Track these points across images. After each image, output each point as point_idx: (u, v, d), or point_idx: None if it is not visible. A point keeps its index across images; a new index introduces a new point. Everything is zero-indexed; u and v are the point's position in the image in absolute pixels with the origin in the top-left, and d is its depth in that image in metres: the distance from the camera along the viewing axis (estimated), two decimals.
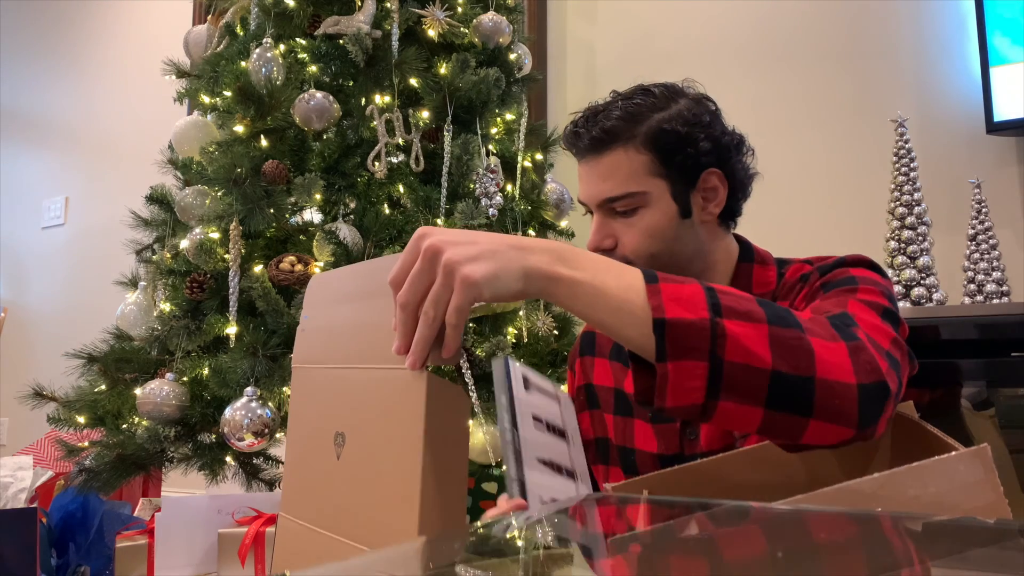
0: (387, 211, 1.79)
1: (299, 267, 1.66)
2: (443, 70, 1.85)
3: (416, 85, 1.85)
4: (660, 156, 0.91)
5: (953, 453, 0.60)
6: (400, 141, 1.80)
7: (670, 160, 0.91)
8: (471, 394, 1.60)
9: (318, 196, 1.72)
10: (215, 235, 1.74)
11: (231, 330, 1.66)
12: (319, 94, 1.76)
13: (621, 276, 0.63)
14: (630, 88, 0.96)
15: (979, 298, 1.72)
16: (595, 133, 0.92)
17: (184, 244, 1.85)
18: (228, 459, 1.71)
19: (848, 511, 0.59)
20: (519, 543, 0.58)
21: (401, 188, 1.80)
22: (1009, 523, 0.56)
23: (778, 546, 0.50)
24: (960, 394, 1.58)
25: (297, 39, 1.90)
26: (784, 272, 0.95)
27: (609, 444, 1.03)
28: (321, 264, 1.68)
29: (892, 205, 1.79)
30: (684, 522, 0.57)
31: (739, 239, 1.01)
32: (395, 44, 1.83)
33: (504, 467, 0.73)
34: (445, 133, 1.80)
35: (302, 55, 1.88)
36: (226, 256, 1.70)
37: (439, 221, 1.76)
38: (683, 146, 0.91)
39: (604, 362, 1.06)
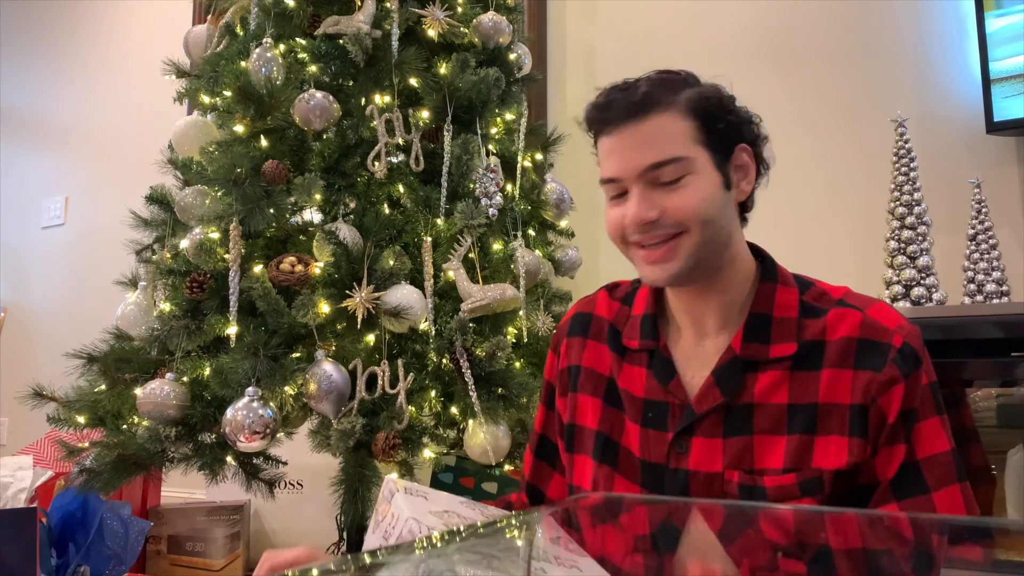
0: (387, 211, 1.79)
1: (299, 267, 1.66)
2: (443, 70, 1.85)
3: (416, 85, 1.85)
4: (701, 124, 0.87)
5: None
6: (400, 141, 1.80)
7: (711, 128, 0.88)
8: (471, 394, 1.60)
9: (318, 196, 1.72)
10: (215, 235, 1.74)
11: (231, 330, 1.66)
12: (319, 94, 1.76)
13: None
14: (647, 72, 0.92)
15: (979, 298, 1.72)
16: (634, 98, 0.86)
17: (184, 244, 1.85)
18: (228, 459, 1.71)
19: (854, 511, 0.59)
20: (519, 543, 0.58)
21: (401, 188, 1.80)
22: (1016, 523, 0.56)
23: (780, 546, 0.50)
24: (961, 394, 1.58)
25: (297, 39, 1.90)
26: (806, 299, 0.91)
27: (576, 429, 1.00)
28: (321, 264, 1.68)
29: (892, 205, 1.79)
30: (682, 521, 0.57)
31: (758, 250, 0.97)
32: (395, 44, 1.83)
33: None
34: (445, 133, 1.80)
35: (302, 55, 1.88)
36: (226, 256, 1.70)
37: (439, 221, 1.76)
38: (723, 115, 0.89)
39: (600, 347, 1.01)
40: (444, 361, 1.66)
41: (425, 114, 1.84)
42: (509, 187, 1.90)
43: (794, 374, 0.87)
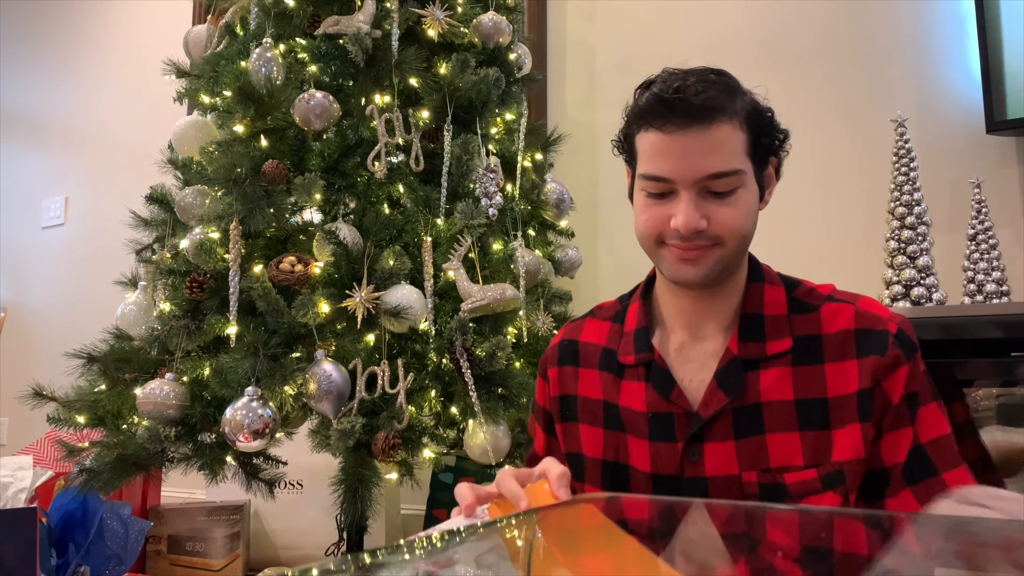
0: (387, 211, 1.79)
1: (299, 267, 1.66)
2: (443, 70, 1.85)
3: (416, 85, 1.85)
4: (752, 136, 0.87)
5: None
6: (400, 141, 1.80)
7: (758, 141, 0.88)
8: (471, 394, 1.60)
9: (318, 196, 1.72)
10: (215, 235, 1.74)
11: (231, 330, 1.66)
12: (319, 94, 1.76)
13: None
14: (695, 67, 0.89)
15: (979, 298, 1.72)
16: (701, 101, 0.83)
17: (184, 244, 1.85)
18: (228, 459, 1.71)
19: (853, 511, 0.59)
20: (519, 543, 0.58)
21: (401, 188, 1.80)
22: (1015, 523, 0.56)
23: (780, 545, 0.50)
24: (960, 395, 1.58)
25: (297, 39, 1.90)
26: (795, 296, 0.92)
27: (577, 458, 0.98)
28: (321, 264, 1.68)
29: (892, 205, 1.79)
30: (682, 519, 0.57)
31: None
32: (395, 44, 1.83)
33: None
34: (445, 133, 1.80)
35: (302, 55, 1.88)
36: (226, 256, 1.70)
37: (439, 221, 1.76)
38: (769, 128, 0.90)
39: (592, 373, 1.00)
40: (444, 361, 1.66)
41: (425, 114, 1.84)
42: (509, 187, 1.90)
43: (796, 369, 0.88)
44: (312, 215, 1.81)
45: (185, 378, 1.68)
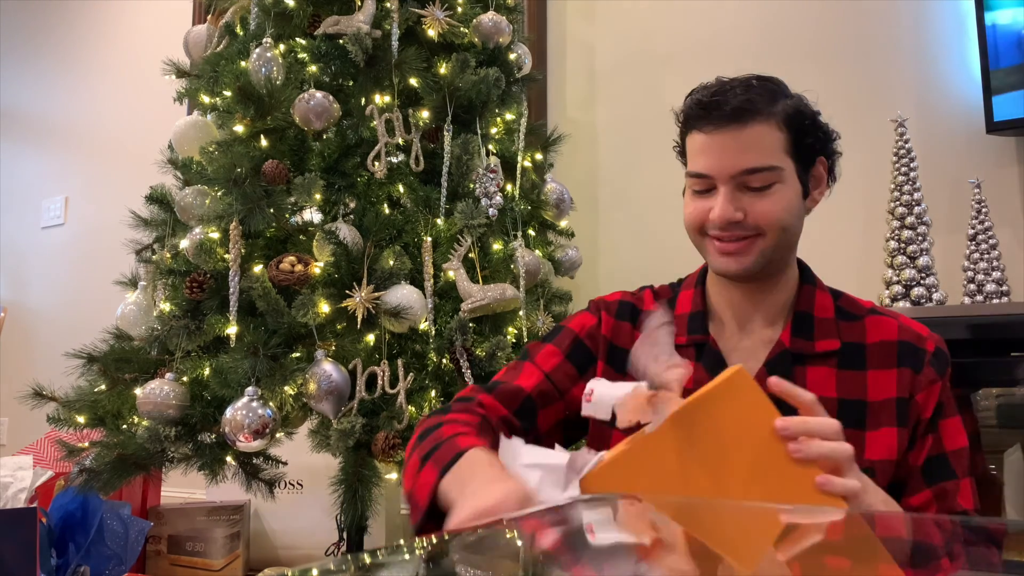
0: (387, 211, 1.79)
1: (299, 267, 1.66)
2: (443, 70, 1.85)
3: (416, 85, 1.85)
4: (793, 136, 0.93)
5: None
6: (400, 141, 1.80)
7: (800, 141, 0.94)
8: None
9: (318, 196, 1.72)
10: (215, 235, 1.74)
11: (231, 330, 1.66)
12: (319, 94, 1.76)
13: None
14: (744, 75, 0.98)
15: (979, 298, 1.72)
16: (738, 103, 0.91)
17: (184, 244, 1.85)
18: (228, 459, 1.71)
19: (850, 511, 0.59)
20: (518, 543, 0.58)
21: (401, 188, 1.80)
22: (1016, 523, 0.56)
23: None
24: (965, 395, 1.58)
25: (297, 39, 1.90)
26: (840, 305, 0.99)
27: None
28: (321, 264, 1.68)
29: (892, 205, 1.79)
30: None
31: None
32: (395, 44, 1.83)
33: None
34: (445, 133, 1.80)
35: (302, 55, 1.88)
36: (226, 256, 1.70)
37: (439, 221, 1.76)
38: (813, 130, 0.96)
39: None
40: (444, 361, 1.66)
41: (425, 114, 1.84)
42: (509, 187, 1.90)
43: (840, 372, 0.94)
44: (312, 215, 1.81)
45: (185, 378, 1.68)
